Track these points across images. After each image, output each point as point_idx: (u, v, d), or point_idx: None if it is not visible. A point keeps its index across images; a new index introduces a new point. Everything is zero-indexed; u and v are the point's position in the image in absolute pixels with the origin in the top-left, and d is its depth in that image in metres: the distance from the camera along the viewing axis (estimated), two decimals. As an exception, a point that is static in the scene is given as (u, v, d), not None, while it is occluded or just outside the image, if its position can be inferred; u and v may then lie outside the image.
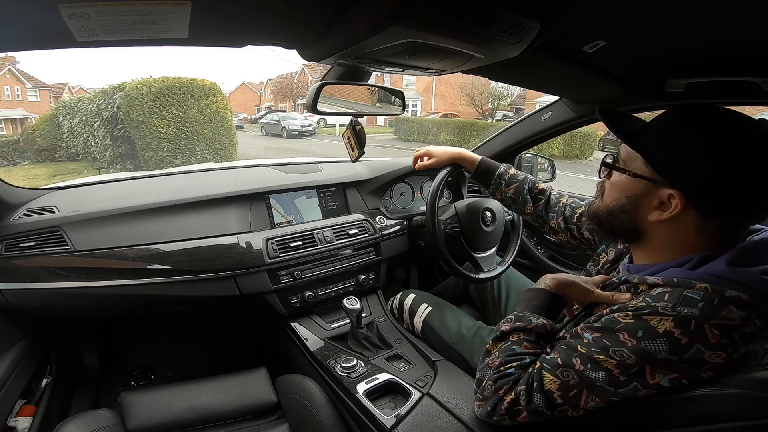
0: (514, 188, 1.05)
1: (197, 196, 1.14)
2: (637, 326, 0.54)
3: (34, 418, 1.03)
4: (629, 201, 0.62)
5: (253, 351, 1.54)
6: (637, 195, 0.60)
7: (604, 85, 1.00)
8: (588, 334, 0.59)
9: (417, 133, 15.70)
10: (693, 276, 0.54)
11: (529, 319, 0.69)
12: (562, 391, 0.59)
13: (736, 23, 0.61)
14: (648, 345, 0.52)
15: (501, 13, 0.56)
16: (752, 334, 0.51)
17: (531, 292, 0.74)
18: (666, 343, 0.51)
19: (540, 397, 0.61)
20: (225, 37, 0.68)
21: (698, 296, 0.52)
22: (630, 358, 0.54)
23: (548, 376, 0.60)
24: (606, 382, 0.56)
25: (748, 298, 0.50)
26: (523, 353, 0.66)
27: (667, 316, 0.52)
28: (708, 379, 0.52)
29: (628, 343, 0.54)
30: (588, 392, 0.58)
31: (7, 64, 19.23)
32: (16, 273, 0.97)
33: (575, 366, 0.58)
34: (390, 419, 0.81)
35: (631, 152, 0.61)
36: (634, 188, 0.61)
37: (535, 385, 0.61)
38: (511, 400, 0.63)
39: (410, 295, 1.22)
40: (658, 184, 0.58)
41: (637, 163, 0.60)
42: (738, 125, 0.54)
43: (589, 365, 0.57)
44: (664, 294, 0.54)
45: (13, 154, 11.11)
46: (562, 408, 0.60)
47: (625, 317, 0.55)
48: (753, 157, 0.52)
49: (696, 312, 0.51)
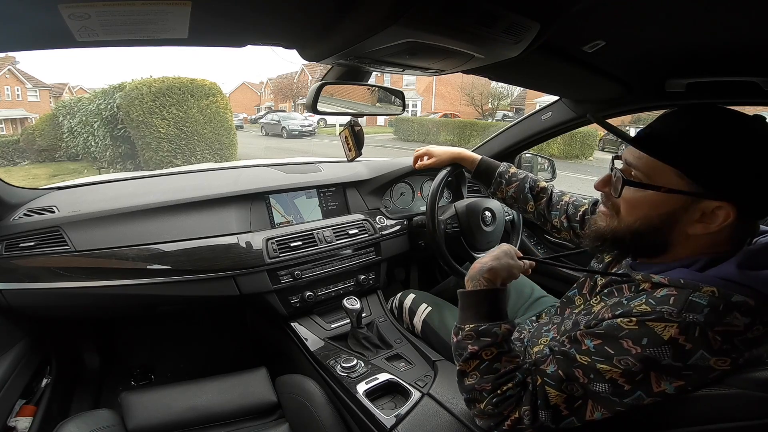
0: (515, 187, 1.04)
1: (197, 196, 1.14)
2: (641, 333, 0.52)
3: (34, 418, 1.03)
4: (662, 218, 0.56)
5: (253, 351, 1.54)
6: (674, 211, 0.55)
7: (604, 85, 1.00)
8: (588, 341, 0.57)
9: (417, 133, 15.70)
10: (701, 279, 0.53)
11: (494, 332, 0.66)
12: (568, 403, 0.58)
13: (736, 23, 0.61)
14: (653, 352, 0.51)
15: (501, 13, 0.56)
16: (755, 340, 0.50)
17: (473, 297, 0.70)
18: (670, 350, 0.50)
19: (546, 414, 0.59)
20: (225, 37, 0.68)
21: (704, 301, 0.50)
22: (635, 366, 0.52)
23: (552, 392, 0.59)
24: (611, 393, 0.54)
25: (754, 303, 0.50)
26: (510, 371, 0.64)
27: (672, 323, 0.51)
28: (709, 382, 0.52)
29: (633, 350, 0.52)
30: (593, 403, 0.57)
31: (7, 64, 19.24)
32: (16, 273, 0.97)
33: (579, 379, 0.57)
34: (390, 419, 0.81)
35: (653, 163, 0.55)
36: (669, 204, 0.55)
37: (539, 402, 0.60)
38: (515, 419, 0.61)
39: (410, 295, 1.22)
40: (700, 197, 0.53)
41: (667, 176, 0.55)
42: (746, 125, 0.53)
43: (592, 375, 0.55)
44: (669, 297, 0.53)
45: (13, 154, 11.11)
46: (569, 420, 0.59)
47: (629, 323, 0.53)
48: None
49: (701, 318, 0.50)
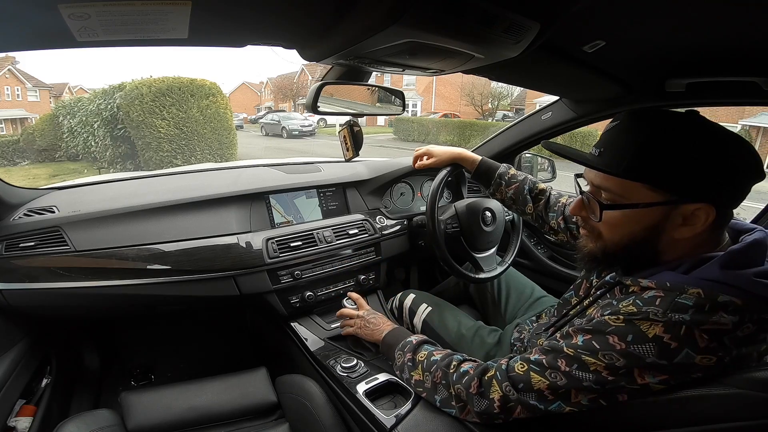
0: (514, 188, 1.05)
1: (197, 196, 1.14)
2: (626, 330, 0.54)
3: (34, 418, 1.03)
4: (647, 230, 0.58)
5: (253, 351, 1.54)
6: (656, 221, 0.57)
7: (604, 85, 1.00)
8: (580, 336, 0.59)
9: (417, 133, 15.71)
10: (685, 281, 0.54)
11: (409, 340, 0.85)
12: (552, 389, 0.60)
13: (736, 23, 0.61)
14: (636, 349, 0.53)
15: (501, 13, 0.56)
16: (745, 338, 0.51)
17: (384, 347, 0.93)
18: (655, 348, 0.51)
19: (531, 396, 0.61)
20: (225, 37, 0.68)
21: (690, 302, 0.51)
22: (618, 360, 0.54)
23: (536, 377, 0.61)
24: (593, 382, 0.56)
25: (741, 302, 0.50)
26: (446, 354, 0.77)
27: (657, 322, 0.52)
28: (699, 379, 0.52)
29: (617, 346, 0.54)
30: (576, 390, 0.58)
31: (7, 64, 19.26)
32: (16, 273, 0.97)
33: (560, 368, 0.59)
34: (390, 419, 0.81)
35: (622, 182, 0.57)
36: (650, 217, 0.57)
37: (521, 385, 0.62)
38: (501, 396, 0.64)
39: (410, 295, 1.22)
40: (677, 203, 0.55)
41: (639, 191, 0.57)
42: (690, 123, 0.55)
43: (575, 365, 0.57)
44: (655, 298, 0.54)
45: (13, 154, 11.13)
46: (556, 404, 0.60)
47: (616, 320, 0.56)
48: (728, 146, 0.54)
49: (687, 317, 0.50)
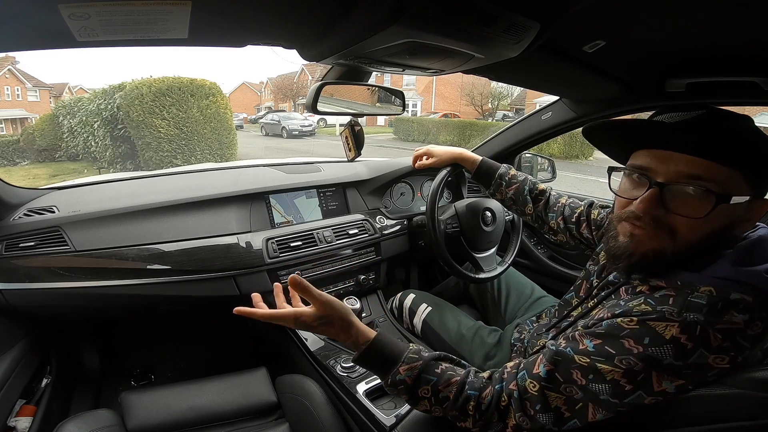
0: (514, 189, 1.05)
1: (197, 196, 1.14)
2: (643, 332, 0.52)
3: (34, 418, 1.03)
4: (726, 227, 0.55)
5: (253, 351, 1.54)
6: (734, 217, 0.55)
7: (604, 85, 1.00)
8: (588, 341, 0.56)
9: (417, 133, 15.70)
10: (697, 279, 0.53)
11: (399, 380, 0.63)
12: (569, 405, 0.57)
13: (736, 23, 0.61)
14: (655, 351, 0.51)
15: (501, 13, 0.56)
16: (755, 336, 0.50)
17: (361, 362, 0.67)
18: (672, 349, 0.50)
19: (547, 417, 0.58)
20: (225, 37, 0.68)
21: (703, 301, 0.51)
22: (637, 365, 0.52)
23: (552, 394, 0.57)
24: (611, 395, 0.53)
25: (752, 299, 0.50)
26: (458, 390, 0.62)
27: (673, 322, 0.51)
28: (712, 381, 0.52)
29: (635, 350, 0.52)
30: (594, 405, 0.56)
31: (7, 64, 19.25)
32: (16, 273, 0.97)
33: (577, 381, 0.56)
34: (390, 419, 0.81)
35: (725, 171, 0.53)
36: (735, 211, 0.54)
37: (538, 406, 0.58)
38: (513, 425, 0.60)
39: (410, 295, 1.22)
40: (755, 198, 0.55)
41: (737, 181, 0.54)
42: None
43: (591, 376, 0.55)
44: (667, 297, 0.53)
45: (13, 154, 11.11)
46: (572, 422, 0.57)
47: (630, 323, 0.53)
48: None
49: (701, 317, 0.50)
